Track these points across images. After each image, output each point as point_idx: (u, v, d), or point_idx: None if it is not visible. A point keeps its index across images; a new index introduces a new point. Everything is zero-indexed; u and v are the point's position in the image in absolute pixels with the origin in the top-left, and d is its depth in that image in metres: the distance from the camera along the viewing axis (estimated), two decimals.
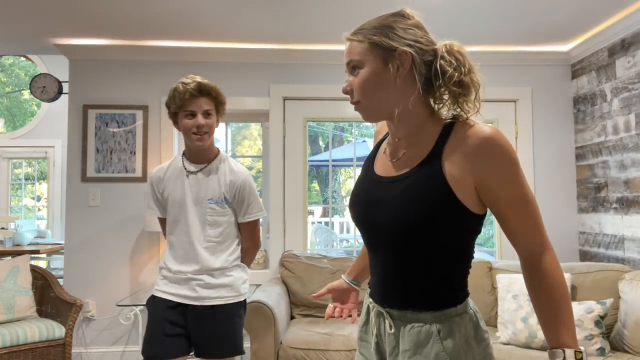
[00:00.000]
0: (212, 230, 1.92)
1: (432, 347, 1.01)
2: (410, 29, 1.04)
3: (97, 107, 3.65)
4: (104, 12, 3.05)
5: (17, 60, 7.09)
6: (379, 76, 1.02)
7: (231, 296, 1.93)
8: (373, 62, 1.03)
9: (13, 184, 6.13)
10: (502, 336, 2.78)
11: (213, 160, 1.97)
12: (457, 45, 1.03)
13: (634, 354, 2.53)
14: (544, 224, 1.03)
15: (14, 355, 2.90)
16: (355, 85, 1.05)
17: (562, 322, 0.98)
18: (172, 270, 1.94)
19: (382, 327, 1.10)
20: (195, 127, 1.88)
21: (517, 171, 0.99)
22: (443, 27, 3.22)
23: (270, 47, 3.65)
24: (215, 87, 1.95)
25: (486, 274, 3.19)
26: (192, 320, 1.90)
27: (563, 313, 0.99)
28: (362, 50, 1.04)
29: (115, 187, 3.61)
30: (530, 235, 1.01)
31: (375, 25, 1.05)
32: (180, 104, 1.88)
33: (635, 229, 3.10)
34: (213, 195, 1.93)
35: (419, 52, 1.02)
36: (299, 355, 2.71)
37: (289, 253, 3.48)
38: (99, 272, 3.58)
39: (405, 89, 1.03)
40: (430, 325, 1.03)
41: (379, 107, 1.06)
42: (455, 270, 1.07)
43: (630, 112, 3.13)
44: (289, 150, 3.74)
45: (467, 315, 1.05)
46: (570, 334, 0.98)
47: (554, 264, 1.00)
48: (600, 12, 3.06)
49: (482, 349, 1.05)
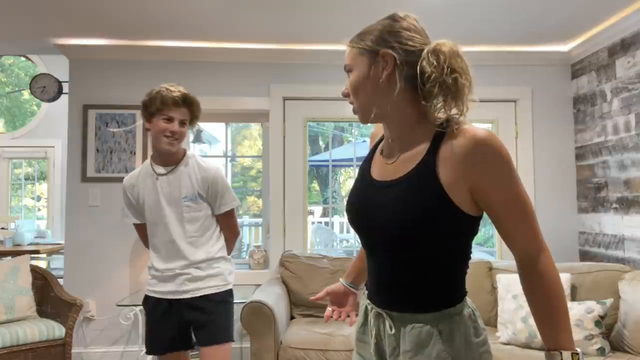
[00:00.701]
0: (191, 226, 2.01)
1: (433, 347, 1.03)
2: (398, 31, 1.06)
3: (97, 107, 3.65)
4: (104, 12, 3.05)
5: (17, 60, 7.09)
6: (365, 78, 1.07)
7: (219, 285, 2.02)
8: (360, 65, 1.08)
9: (13, 184, 6.13)
10: (502, 336, 2.78)
11: (181, 160, 2.06)
12: (447, 45, 1.02)
13: (634, 354, 2.53)
14: (542, 225, 1.03)
15: (14, 355, 2.89)
16: (349, 86, 1.11)
17: (558, 323, 0.99)
18: (160, 270, 2.02)
19: (382, 328, 1.11)
20: (170, 131, 1.97)
21: (511, 174, 0.99)
22: (443, 27, 3.22)
23: (270, 47, 3.65)
24: (196, 101, 2.06)
25: (486, 274, 3.19)
26: (185, 313, 1.99)
27: (560, 314, 0.99)
28: (353, 55, 1.10)
29: (115, 187, 3.61)
30: (526, 236, 1.01)
31: (364, 30, 1.10)
32: (162, 107, 1.97)
33: (635, 229, 3.10)
34: (187, 193, 2.01)
35: (403, 53, 1.04)
36: (299, 355, 2.71)
37: (289, 253, 3.48)
38: (99, 272, 3.58)
39: (390, 90, 1.05)
40: (431, 326, 1.04)
41: (369, 107, 1.09)
42: (453, 271, 1.08)
43: (630, 112, 3.13)
44: (289, 150, 3.74)
45: (466, 314, 1.06)
46: (567, 336, 0.99)
47: (549, 265, 1.01)
48: (600, 12, 3.06)
49: (481, 346, 1.06)
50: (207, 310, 1.99)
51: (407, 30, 1.07)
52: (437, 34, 1.09)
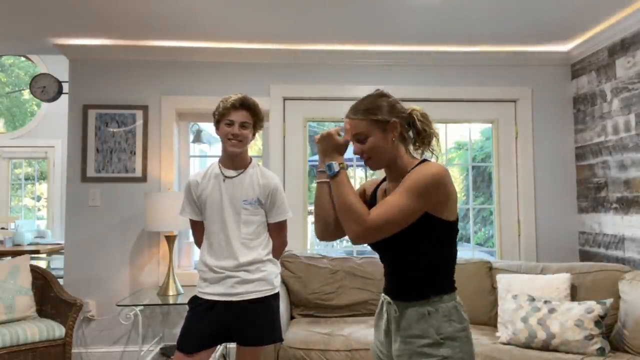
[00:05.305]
0: (246, 229, 2.14)
1: (423, 323, 1.40)
2: (392, 104, 1.47)
3: (97, 107, 3.65)
4: (104, 12, 3.05)
5: (17, 60, 7.09)
6: (382, 141, 1.45)
7: (266, 289, 2.14)
8: (376, 132, 1.45)
9: (13, 184, 6.13)
10: (502, 336, 2.78)
11: (248, 167, 2.20)
12: (421, 109, 1.51)
13: (634, 354, 2.53)
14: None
15: (14, 355, 2.89)
16: (367, 149, 1.46)
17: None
18: (211, 267, 2.12)
19: (391, 313, 1.49)
20: (231, 134, 2.11)
21: (415, 189, 1.35)
22: (443, 27, 3.22)
23: (270, 47, 3.65)
24: (255, 104, 2.18)
25: (486, 274, 3.19)
26: (232, 314, 2.09)
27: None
28: (365, 125, 1.45)
29: (115, 187, 3.62)
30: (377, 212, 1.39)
31: (369, 106, 1.46)
32: (223, 112, 2.12)
33: (635, 229, 3.10)
34: (247, 197, 2.15)
35: (402, 118, 1.47)
36: (299, 355, 2.71)
37: (289, 253, 3.48)
38: (99, 272, 3.58)
39: (398, 145, 1.48)
40: (422, 308, 1.41)
41: (385, 160, 1.48)
42: (440, 269, 1.44)
43: (630, 112, 3.13)
44: (289, 150, 3.74)
45: (450, 305, 1.41)
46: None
47: (370, 222, 1.38)
48: (600, 12, 3.06)
49: (460, 331, 1.39)
50: (253, 313, 2.09)
51: (396, 102, 1.49)
52: (437, 34, 1.10)
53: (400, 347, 1.42)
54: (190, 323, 2.12)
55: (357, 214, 1.37)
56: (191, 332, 2.10)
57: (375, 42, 3.58)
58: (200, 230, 2.24)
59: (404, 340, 1.41)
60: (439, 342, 1.36)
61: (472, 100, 3.80)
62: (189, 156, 3.94)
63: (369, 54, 3.70)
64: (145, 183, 3.63)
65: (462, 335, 1.39)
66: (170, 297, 3.20)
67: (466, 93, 3.77)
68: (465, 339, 1.39)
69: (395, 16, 3.07)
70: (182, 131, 3.88)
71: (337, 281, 3.32)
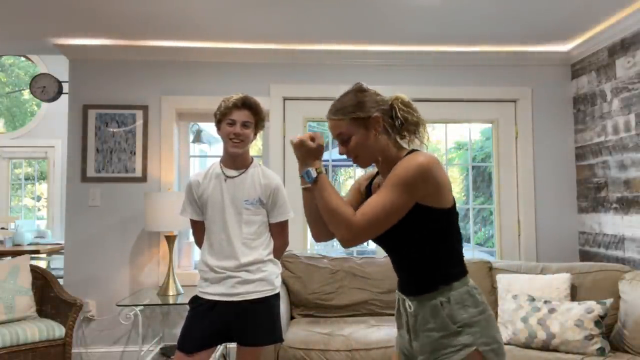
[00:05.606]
0: (247, 229, 2.13)
1: (439, 313, 1.36)
2: (371, 97, 1.43)
3: (97, 107, 3.65)
4: (104, 12, 3.05)
5: (17, 60, 7.09)
6: (366, 138, 1.42)
7: (267, 290, 2.13)
8: (358, 130, 1.42)
9: (13, 184, 6.13)
10: (502, 336, 2.78)
11: (249, 167, 2.20)
12: (403, 96, 1.46)
13: (634, 354, 2.53)
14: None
15: (14, 355, 2.89)
16: (352, 149, 1.44)
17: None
18: (212, 267, 2.11)
19: (407, 309, 1.46)
20: (233, 134, 2.10)
21: (399, 184, 1.31)
22: (443, 27, 3.22)
23: (270, 47, 3.65)
24: (257, 103, 2.18)
25: (486, 274, 3.19)
26: (233, 314, 2.08)
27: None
28: (346, 124, 1.42)
29: (115, 187, 3.61)
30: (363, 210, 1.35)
31: (348, 104, 1.43)
32: (225, 112, 2.11)
33: (635, 229, 3.10)
34: (249, 197, 2.14)
35: (383, 111, 1.43)
36: (299, 355, 2.71)
37: (289, 253, 3.47)
38: (99, 272, 3.58)
39: (383, 140, 1.44)
40: (435, 300, 1.37)
41: (372, 157, 1.46)
42: (445, 258, 1.40)
43: (630, 112, 3.13)
44: (289, 150, 3.74)
45: (463, 289, 1.37)
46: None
47: (355, 225, 1.34)
48: (600, 12, 3.06)
49: (477, 314, 1.35)
50: (253, 313, 2.09)
51: (375, 94, 1.45)
52: (437, 34, 1.10)
53: (421, 341, 1.40)
54: (190, 323, 2.12)
55: (341, 217, 1.33)
56: (192, 332, 2.09)
57: (376, 42, 3.58)
58: (200, 230, 2.23)
59: (424, 334, 1.39)
60: (457, 330, 1.33)
61: (472, 100, 3.80)
62: (189, 156, 3.94)
63: (369, 54, 3.70)
64: (145, 183, 3.63)
65: (480, 319, 1.34)
66: (170, 297, 3.20)
67: (466, 93, 3.77)
68: (484, 322, 1.34)
69: (395, 16, 3.07)
70: (182, 131, 3.88)
71: (337, 281, 3.32)
